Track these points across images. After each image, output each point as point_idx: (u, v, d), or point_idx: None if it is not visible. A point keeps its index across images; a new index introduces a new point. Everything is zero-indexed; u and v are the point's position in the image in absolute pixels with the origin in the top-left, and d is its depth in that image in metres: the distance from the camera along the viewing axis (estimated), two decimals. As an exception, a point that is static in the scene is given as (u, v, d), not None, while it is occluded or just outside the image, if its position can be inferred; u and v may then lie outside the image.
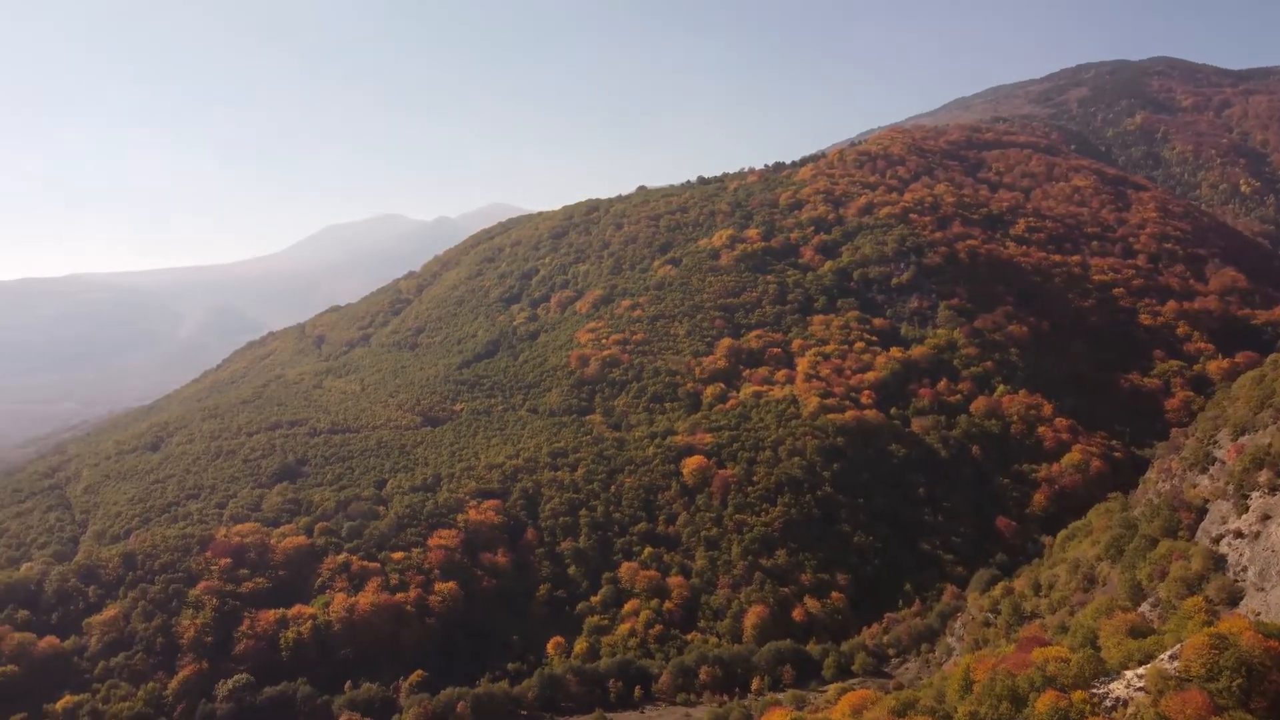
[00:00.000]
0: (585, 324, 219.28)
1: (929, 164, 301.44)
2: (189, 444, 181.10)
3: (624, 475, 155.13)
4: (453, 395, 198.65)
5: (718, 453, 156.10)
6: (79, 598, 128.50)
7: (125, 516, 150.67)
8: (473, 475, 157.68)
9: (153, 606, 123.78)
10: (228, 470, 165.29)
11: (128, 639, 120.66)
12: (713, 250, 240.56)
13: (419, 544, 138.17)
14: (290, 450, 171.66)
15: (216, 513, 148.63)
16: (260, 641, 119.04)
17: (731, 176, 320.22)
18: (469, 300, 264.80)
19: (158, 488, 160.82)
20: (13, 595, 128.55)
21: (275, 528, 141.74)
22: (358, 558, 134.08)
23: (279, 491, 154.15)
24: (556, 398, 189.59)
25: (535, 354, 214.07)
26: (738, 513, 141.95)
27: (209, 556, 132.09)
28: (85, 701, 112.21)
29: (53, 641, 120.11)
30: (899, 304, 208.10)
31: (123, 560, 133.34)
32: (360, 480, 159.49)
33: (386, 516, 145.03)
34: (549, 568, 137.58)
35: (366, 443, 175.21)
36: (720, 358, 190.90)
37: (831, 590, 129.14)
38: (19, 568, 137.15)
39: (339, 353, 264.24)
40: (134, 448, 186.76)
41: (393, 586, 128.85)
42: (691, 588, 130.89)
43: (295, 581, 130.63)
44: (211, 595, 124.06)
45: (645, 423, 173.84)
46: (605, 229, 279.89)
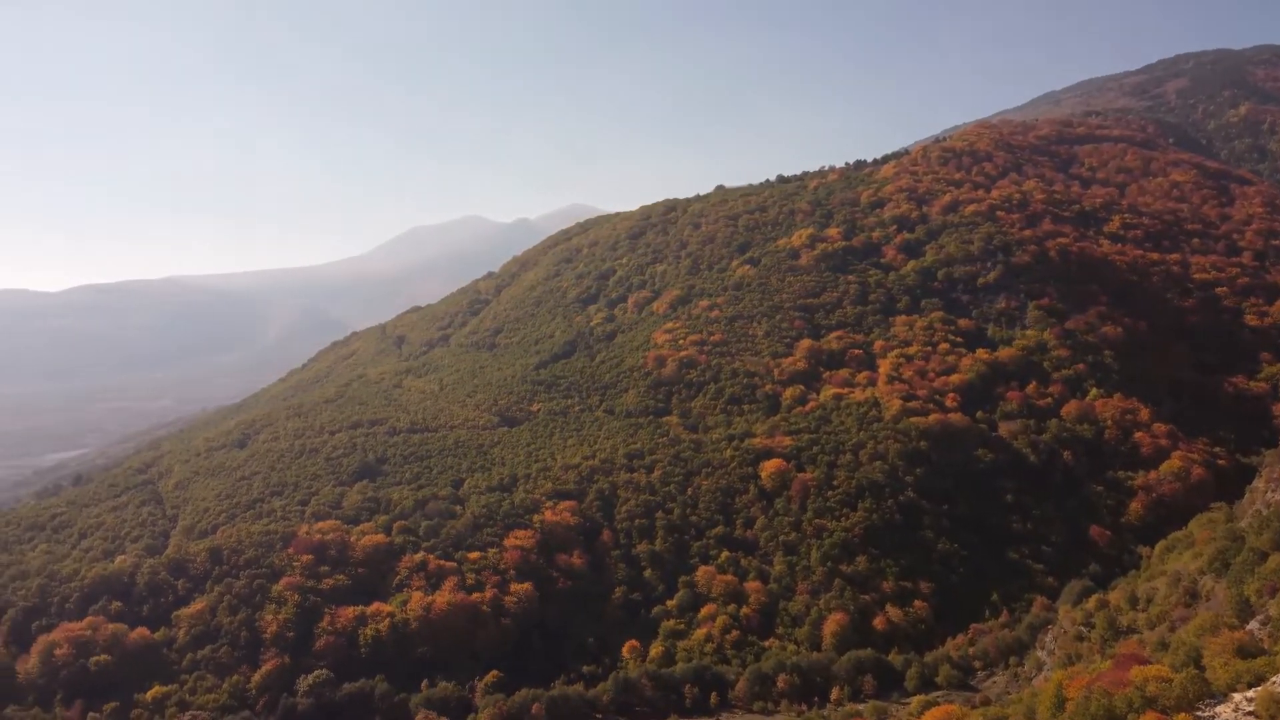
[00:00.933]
0: (662, 324, 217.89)
1: (1017, 160, 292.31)
2: (274, 442, 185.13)
3: (701, 478, 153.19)
4: (530, 395, 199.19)
5: (797, 456, 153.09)
6: (169, 591, 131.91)
7: (213, 512, 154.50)
8: (549, 476, 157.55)
9: (238, 601, 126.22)
10: (310, 468, 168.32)
11: (214, 632, 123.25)
12: (792, 250, 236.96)
13: (495, 544, 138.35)
14: (370, 449, 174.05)
15: (299, 510, 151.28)
16: (340, 638, 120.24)
17: (811, 175, 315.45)
18: (546, 301, 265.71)
19: (244, 484, 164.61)
20: (107, 587, 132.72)
21: (355, 525, 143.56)
22: (435, 557, 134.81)
23: (359, 490, 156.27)
24: (633, 399, 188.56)
25: (612, 354, 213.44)
26: (817, 517, 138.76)
27: (291, 553, 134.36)
28: (173, 692, 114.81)
29: (143, 633, 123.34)
30: (985, 304, 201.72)
31: (210, 555, 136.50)
32: (438, 480, 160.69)
33: (463, 516, 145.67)
34: (624, 570, 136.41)
35: (444, 442, 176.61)
36: (800, 359, 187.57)
37: (914, 599, 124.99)
38: (113, 560, 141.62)
39: (418, 353, 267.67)
40: (222, 445, 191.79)
41: (469, 586, 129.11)
42: (769, 593, 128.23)
43: (374, 579, 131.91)
44: (293, 591, 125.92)
45: (723, 424, 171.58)
46: (683, 229, 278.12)
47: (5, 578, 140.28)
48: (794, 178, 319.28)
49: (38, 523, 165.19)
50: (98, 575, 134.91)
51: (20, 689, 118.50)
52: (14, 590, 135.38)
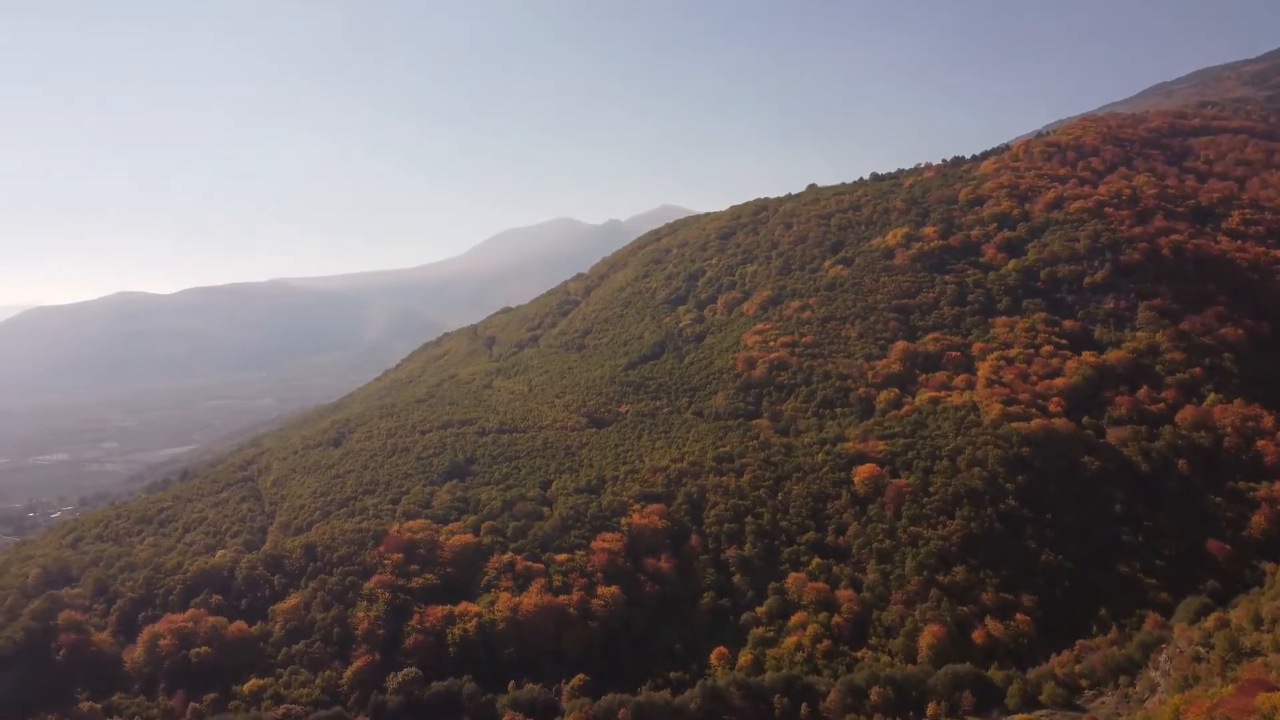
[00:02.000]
0: (752, 326, 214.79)
1: (1126, 154, 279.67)
2: (367, 440, 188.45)
3: (791, 482, 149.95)
4: (618, 397, 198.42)
5: (891, 461, 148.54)
6: (265, 585, 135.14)
7: (308, 509, 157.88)
8: (637, 478, 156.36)
9: (330, 597, 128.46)
10: (402, 467, 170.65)
11: (307, 627, 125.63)
12: (887, 249, 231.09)
13: (582, 546, 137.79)
14: (460, 449, 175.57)
15: (390, 508, 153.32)
16: (429, 637, 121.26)
17: (907, 173, 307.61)
18: (635, 302, 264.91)
19: (338, 482, 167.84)
20: (208, 580, 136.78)
21: (444, 525, 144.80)
22: (522, 558, 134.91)
23: (448, 489, 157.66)
24: (722, 401, 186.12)
25: (701, 356, 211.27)
26: (912, 525, 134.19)
27: (382, 551, 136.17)
28: (269, 685, 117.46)
29: (241, 626, 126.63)
30: (1092, 305, 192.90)
31: (304, 551, 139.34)
32: (526, 480, 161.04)
33: (551, 517, 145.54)
34: (713, 575, 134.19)
35: (533, 443, 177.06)
36: (894, 361, 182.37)
37: (1015, 611, 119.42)
38: (214, 554, 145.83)
39: (508, 353, 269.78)
40: (318, 443, 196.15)
41: (556, 588, 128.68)
42: (862, 602, 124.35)
43: (462, 579, 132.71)
44: (384, 589, 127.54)
45: (814, 428, 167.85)
46: (774, 229, 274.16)
47: (115, 569, 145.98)
48: (888, 176, 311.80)
49: (146, 516, 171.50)
50: (200, 569, 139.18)
51: (127, 677, 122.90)
52: (123, 581, 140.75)
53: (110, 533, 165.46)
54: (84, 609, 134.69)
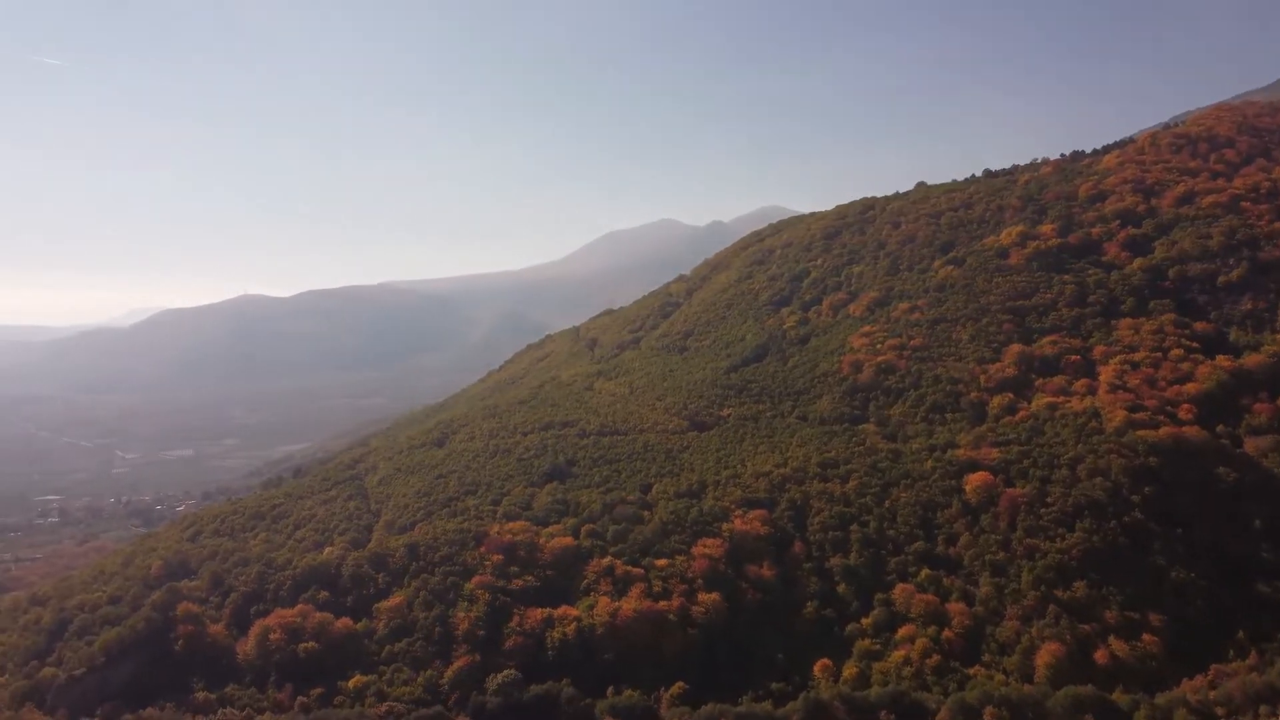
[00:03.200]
0: (859, 328, 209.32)
1: (1265, 144, 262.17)
2: (470, 441, 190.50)
3: (899, 489, 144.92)
4: (720, 400, 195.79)
5: (1005, 469, 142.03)
6: (370, 583, 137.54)
7: (412, 509, 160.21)
8: (739, 483, 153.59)
9: (432, 597, 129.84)
10: (503, 468, 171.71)
11: (410, 626, 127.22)
12: (1001, 248, 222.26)
13: (683, 551, 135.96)
14: (561, 451, 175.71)
15: (491, 509, 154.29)
16: (528, 639, 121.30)
17: (1022, 169, 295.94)
18: (738, 303, 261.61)
19: (440, 482, 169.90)
20: (316, 577, 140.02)
21: (544, 527, 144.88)
22: (622, 562, 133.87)
23: (549, 491, 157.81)
24: (827, 405, 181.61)
25: (805, 359, 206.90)
26: (1028, 537, 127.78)
27: (483, 552, 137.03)
28: (372, 683, 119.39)
29: (347, 623, 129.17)
30: (1227, 305, 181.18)
31: (407, 550, 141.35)
32: (626, 484, 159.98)
33: (651, 522, 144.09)
34: (817, 584, 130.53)
35: (633, 446, 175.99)
36: (1009, 365, 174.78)
37: (1142, 632, 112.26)
38: (322, 551, 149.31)
39: (610, 355, 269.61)
40: (422, 443, 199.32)
41: (656, 594, 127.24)
42: (974, 616, 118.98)
43: (561, 582, 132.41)
44: (484, 590, 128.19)
45: (923, 434, 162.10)
46: (881, 228, 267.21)
47: (230, 563, 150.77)
48: (1002, 172, 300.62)
49: (260, 512, 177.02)
50: (308, 565, 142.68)
51: (239, 669, 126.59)
52: (237, 576, 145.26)
53: (226, 527, 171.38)
54: (201, 601, 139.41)
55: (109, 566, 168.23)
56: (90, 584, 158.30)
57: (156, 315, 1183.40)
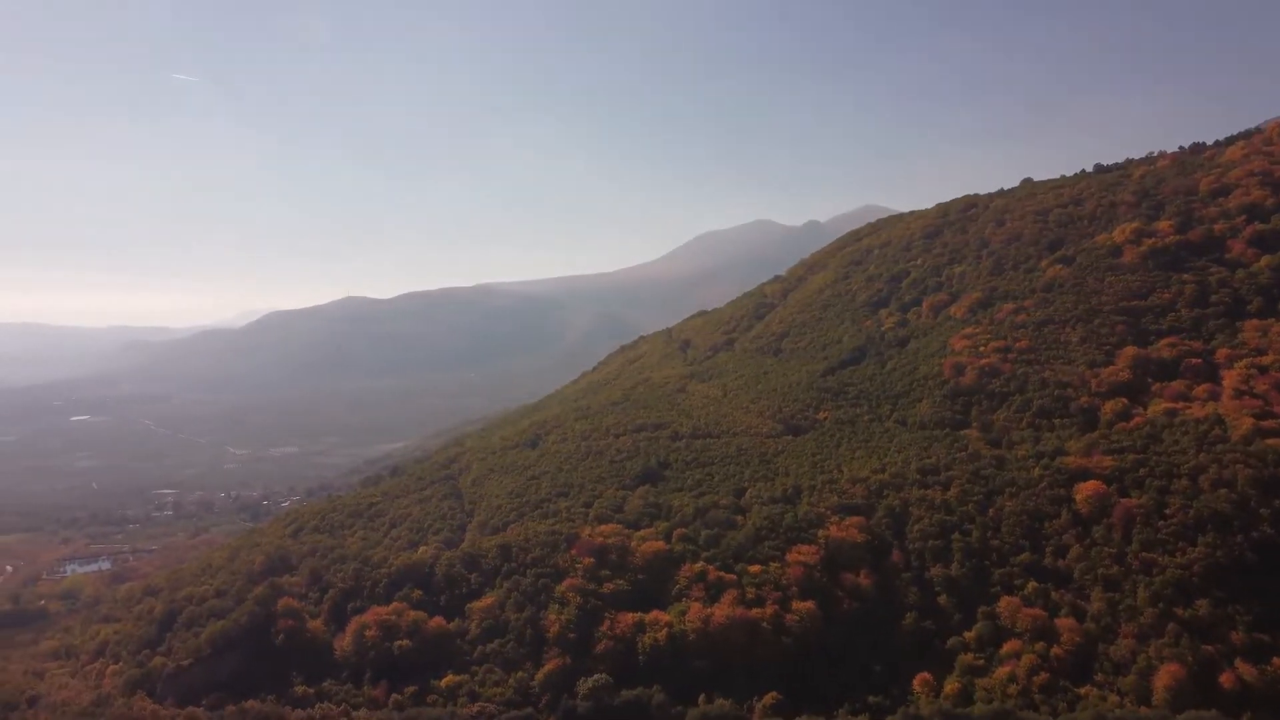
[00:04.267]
0: (961, 329, 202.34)
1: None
2: (562, 443, 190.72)
3: (1004, 498, 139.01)
4: (815, 403, 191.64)
5: (1119, 478, 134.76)
6: (463, 583, 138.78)
7: (504, 509, 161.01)
8: (835, 489, 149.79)
9: (524, 598, 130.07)
10: (595, 470, 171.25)
11: (501, 626, 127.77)
12: (1113, 246, 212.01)
13: (777, 558, 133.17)
14: (653, 453, 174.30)
15: (583, 511, 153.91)
16: (619, 644, 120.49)
17: (1136, 163, 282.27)
18: (834, 304, 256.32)
19: (533, 484, 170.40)
20: (410, 576, 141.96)
21: (636, 530, 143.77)
22: (714, 567, 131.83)
23: (641, 494, 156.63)
24: (927, 409, 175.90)
25: (904, 361, 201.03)
26: (1145, 550, 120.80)
27: (574, 554, 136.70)
28: (464, 682, 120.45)
29: (440, 622, 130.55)
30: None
31: (500, 551, 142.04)
32: (719, 487, 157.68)
33: (744, 527, 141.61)
34: (916, 594, 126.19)
35: (727, 449, 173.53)
36: (1122, 369, 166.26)
37: (1273, 655, 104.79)
38: (416, 550, 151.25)
39: (703, 357, 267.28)
40: (515, 444, 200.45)
41: (749, 600, 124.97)
42: (1085, 633, 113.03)
43: (653, 586, 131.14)
44: (575, 593, 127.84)
45: (1029, 440, 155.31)
46: (984, 227, 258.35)
47: (329, 560, 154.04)
48: (1115, 166, 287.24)
49: (358, 510, 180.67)
50: (403, 563, 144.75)
51: (336, 665, 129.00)
52: (335, 572, 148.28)
53: (326, 524, 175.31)
54: (300, 596, 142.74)
55: (216, 560, 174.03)
56: (198, 577, 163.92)
57: (266, 317, 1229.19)
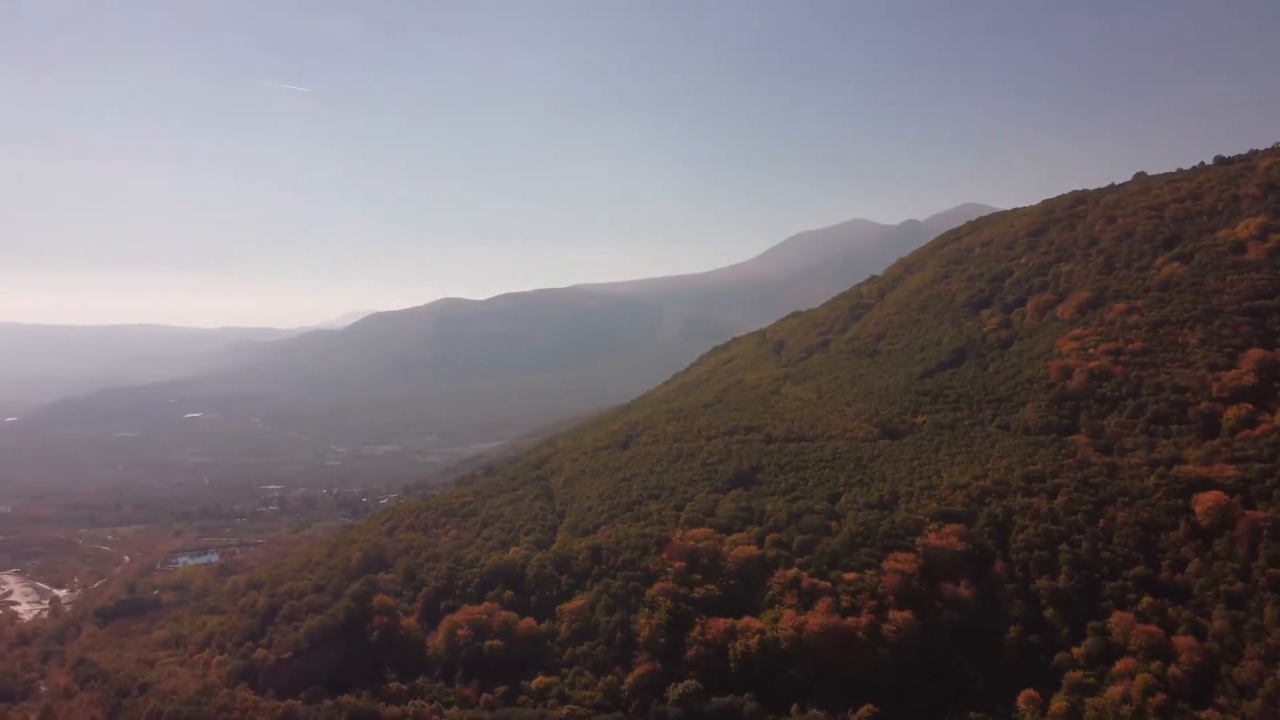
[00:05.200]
0: (1068, 331, 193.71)
1: None
2: (654, 444, 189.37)
3: (1115, 508, 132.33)
4: (913, 406, 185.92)
5: (1244, 489, 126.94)
6: (553, 584, 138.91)
7: (595, 511, 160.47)
8: (934, 495, 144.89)
9: (614, 601, 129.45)
10: (686, 473, 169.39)
11: (591, 629, 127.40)
12: (1236, 243, 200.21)
13: (873, 565, 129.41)
14: (745, 456, 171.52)
15: (674, 514, 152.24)
16: (709, 649, 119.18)
17: (1262, 154, 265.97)
18: (933, 305, 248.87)
19: (624, 485, 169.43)
20: (502, 576, 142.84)
21: (728, 534, 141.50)
22: (808, 574, 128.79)
23: (733, 498, 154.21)
24: (1032, 413, 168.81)
25: (1007, 364, 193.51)
26: (1272, 566, 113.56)
27: (665, 558, 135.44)
28: (554, 684, 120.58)
29: (530, 623, 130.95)
30: None
31: (590, 553, 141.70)
32: (813, 492, 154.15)
33: (839, 533, 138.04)
34: (1020, 607, 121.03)
35: (821, 453, 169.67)
36: (1246, 372, 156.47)
37: None
38: (508, 551, 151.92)
39: (797, 358, 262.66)
40: (607, 445, 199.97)
41: (844, 609, 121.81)
42: (1206, 653, 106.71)
43: (744, 592, 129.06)
44: (666, 597, 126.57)
45: (1143, 447, 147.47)
46: (1093, 223, 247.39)
47: (422, 558, 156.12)
48: (1238, 158, 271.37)
49: (451, 509, 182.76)
50: (494, 563, 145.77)
51: (429, 663, 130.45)
52: (428, 571, 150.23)
53: (420, 523, 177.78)
54: (395, 594, 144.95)
55: (315, 556, 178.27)
56: (299, 572, 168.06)
57: (367, 318, 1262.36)
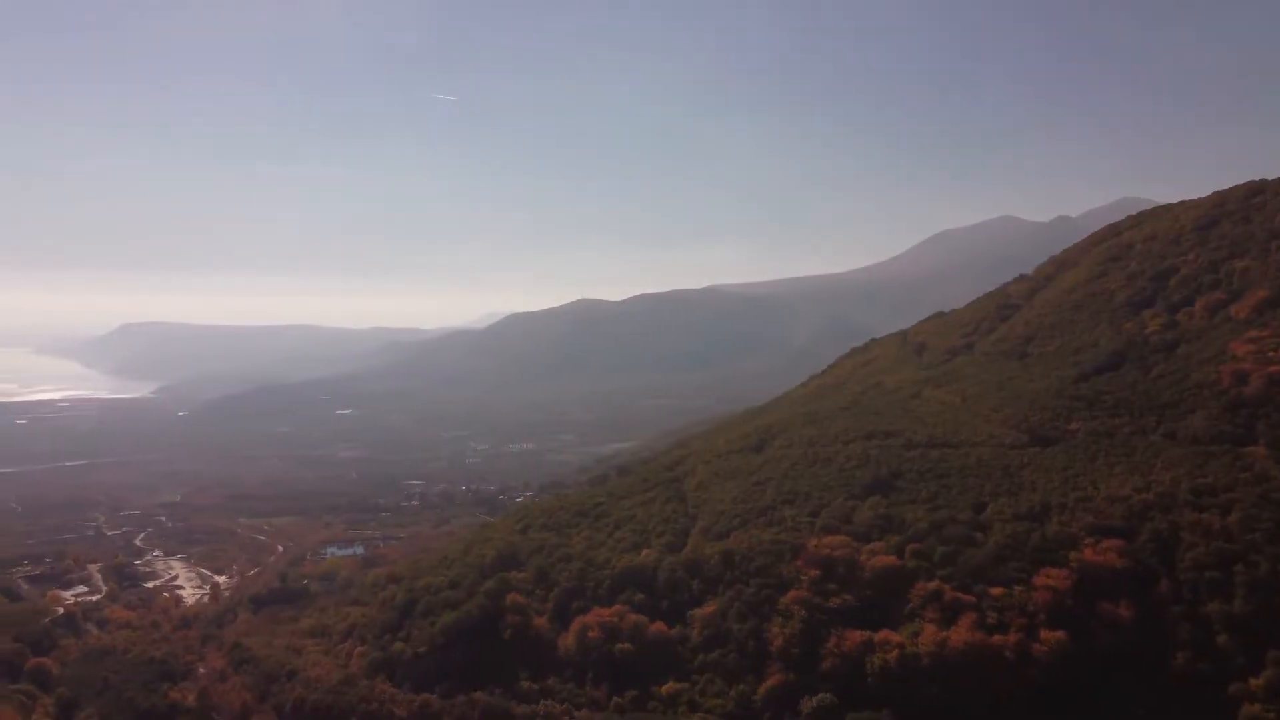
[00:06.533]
0: (1243, 332, 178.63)
1: None
2: (788, 448, 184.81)
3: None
4: (1066, 412, 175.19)
5: None
6: (684, 589, 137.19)
7: (728, 515, 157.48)
8: (1089, 508, 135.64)
9: (746, 608, 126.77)
10: (822, 478, 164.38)
11: (723, 636, 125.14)
12: None
13: (1021, 581, 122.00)
14: (884, 462, 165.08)
15: (809, 521, 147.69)
16: (845, 662, 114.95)
17: None
18: (1088, 305, 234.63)
19: (758, 490, 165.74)
20: (633, 579, 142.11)
21: (865, 543, 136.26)
22: (950, 587, 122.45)
23: (870, 505, 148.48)
24: (1201, 421, 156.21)
25: (1173, 367, 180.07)
26: None
27: (799, 565, 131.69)
28: (685, 691, 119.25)
29: (661, 627, 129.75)
30: None
31: (722, 558, 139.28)
32: (956, 501, 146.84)
33: (985, 545, 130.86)
34: (1188, 632, 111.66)
35: (965, 460, 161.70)
36: None
37: None
38: (639, 553, 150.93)
39: (939, 361, 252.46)
40: (740, 448, 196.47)
41: (989, 626, 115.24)
42: None
43: (882, 603, 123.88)
44: (800, 606, 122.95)
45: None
46: (1273, 215, 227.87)
47: (554, 558, 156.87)
48: None
49: (584, 509, 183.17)
50: (625, 566, 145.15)
51: (559, 663, 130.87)
52: (560, 571, 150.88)
53: (553, 522, 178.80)
54: (527, 593, 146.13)
55: (451, 552, 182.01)
56: (435, 567, 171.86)
57: (506, 318, 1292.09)
